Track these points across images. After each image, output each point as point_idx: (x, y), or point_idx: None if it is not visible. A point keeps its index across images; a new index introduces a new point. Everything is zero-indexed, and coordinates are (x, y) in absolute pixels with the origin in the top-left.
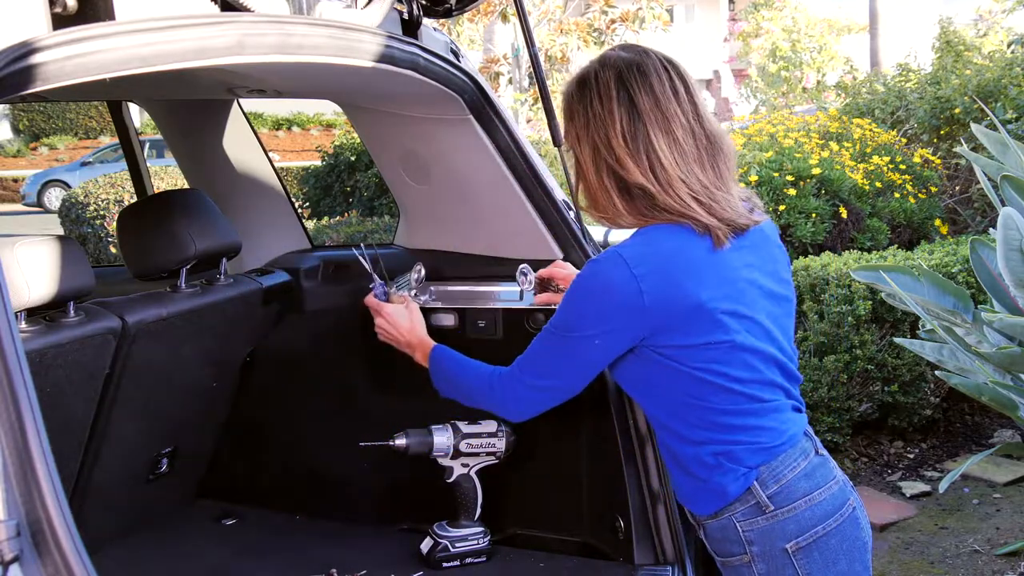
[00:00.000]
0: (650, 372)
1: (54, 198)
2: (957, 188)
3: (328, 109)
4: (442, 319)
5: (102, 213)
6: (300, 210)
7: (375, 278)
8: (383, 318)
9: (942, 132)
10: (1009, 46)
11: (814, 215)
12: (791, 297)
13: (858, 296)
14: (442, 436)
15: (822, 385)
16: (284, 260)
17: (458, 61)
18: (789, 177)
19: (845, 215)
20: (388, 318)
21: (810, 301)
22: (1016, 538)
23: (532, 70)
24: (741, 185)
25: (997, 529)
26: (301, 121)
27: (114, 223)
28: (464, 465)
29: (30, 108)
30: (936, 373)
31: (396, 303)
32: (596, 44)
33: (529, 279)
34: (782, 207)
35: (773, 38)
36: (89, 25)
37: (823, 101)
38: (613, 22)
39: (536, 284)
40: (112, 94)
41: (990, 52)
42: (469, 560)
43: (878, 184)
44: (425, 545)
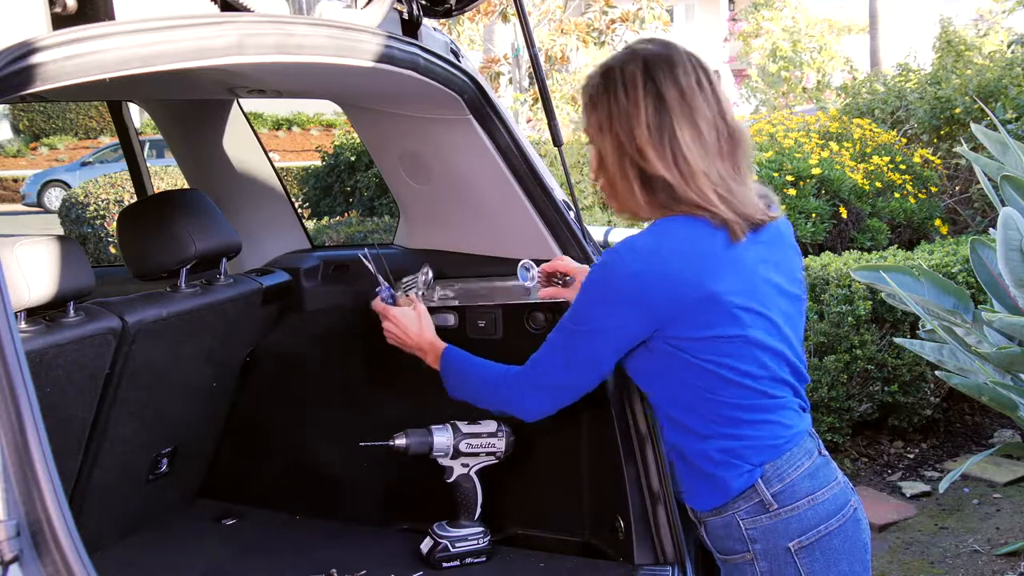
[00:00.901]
0: (662, 364)
1: (54, 198)
2: (957, 188)
3: (328, 109)
4: (442, 319)
5: (102, 213)
6: (300, 210)
7: (380, 281)
8: (391, 321)
9: (942, 132)
10: (1009, 46)
11: (814, 215)
12: (803, 297)
13: (858, 296)
14: (442, 436)
15: (822, 385)
16: (284, 260)
17: (458, 61)
18: (789, 177)
19: (845, 215)
20: (396, 321)
21: (810, 301)
22: (1016, 538)
23: (532, 70)
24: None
25: (997, 529)
26: (301, 121)
27: (114, 223)
28: (464, 465)
29: (30, 108)
30: (936, 373)
31: (403, 305)
32: (596, 44)
33: (532, 274)
34: (782, 207)
35: (773, 38)
36: (89, 25)
37: (823, 101)
38: (613, 22)
39: (541, 278)
40: (112, 94)
41: (990, 52)
42: (469, 560)
43: (878, 184)
44: (425, 545)
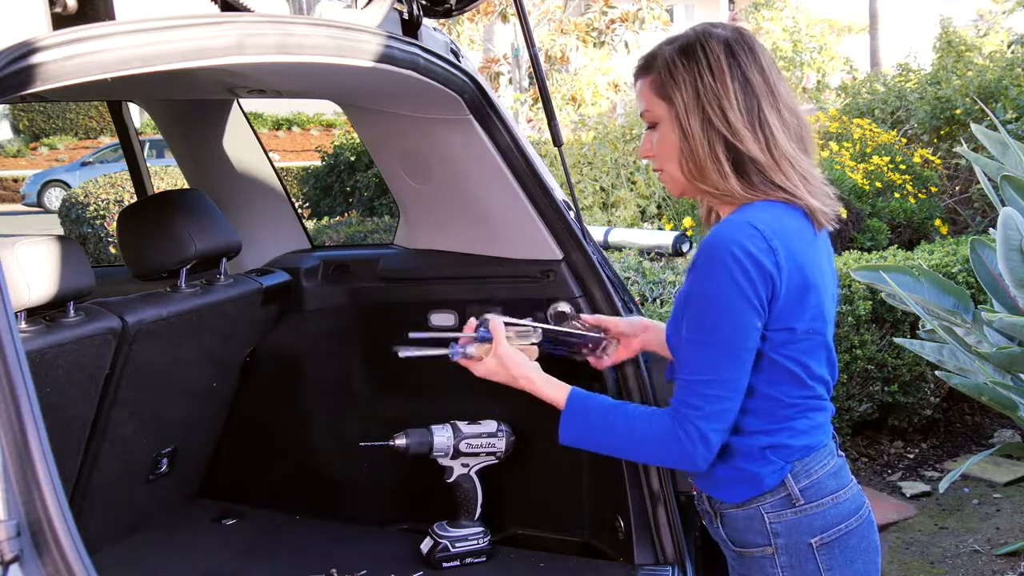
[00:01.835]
0: None
1: (54, 198)
2: (957, 188)
3: (328, 109)
4: (442, 319)
5: (102, 213)
6: (300, 210)
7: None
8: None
9: (942, 132)
10: (1009, 46)
11: None
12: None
13: (858, 296)
14: (442, 436)
15: None
16: (284, 260)
17: (458, 61)
18: None
19: (845, 215)
20: (505, 360)
21: None
22: (1016, 538)
23: (532, 70)
24: None
25: (997, 529)
26: (301, 121)
27: (114, 223)
28: (464, 465)
29: (30, 108)
30: (936, 373)
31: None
32: (596, 45)
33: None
34: None
35: (773, 38)
36: (89, 25)
37: (823, 101)
38: (613, 22)
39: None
40: (112, 94)
41: (990, 52)
42: (469, 560)
43: (878, 184)
44: (425, 545)
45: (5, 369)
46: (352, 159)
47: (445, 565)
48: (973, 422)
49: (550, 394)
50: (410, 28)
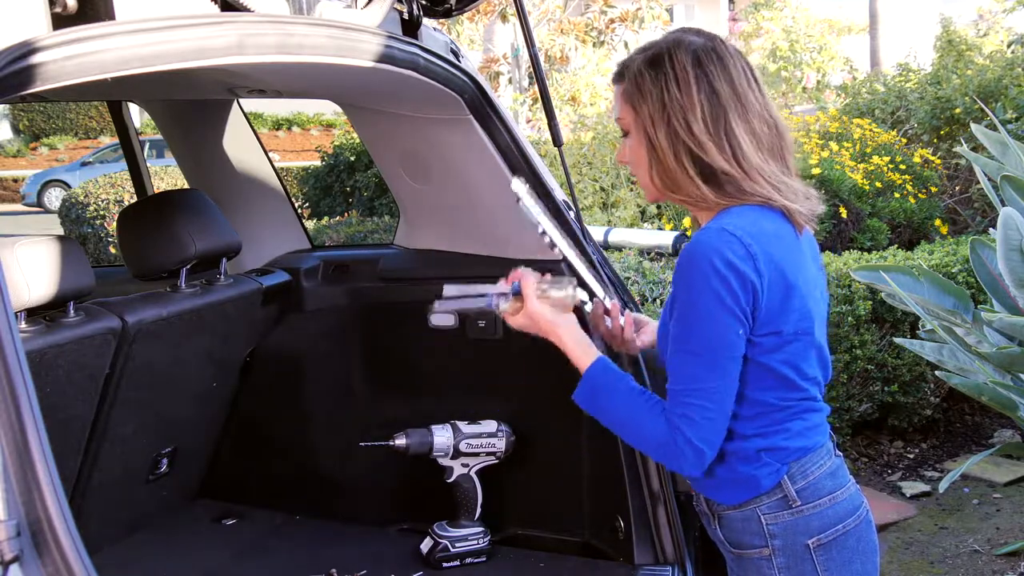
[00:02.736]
0: None
1: (54, 198)
2: (957, 188)
3: (328, 109)
4: (442, 319)
5: (102, 213)
6: (300, 210)
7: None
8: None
9: (942, 132)
10: (1009, 46)
11: None
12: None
13: (858, 296)
14: (442, 436)
15: None
16: (284, 260)
17: (458, 61)
18: None
19: (845, 215)
20: (534, 315)
21: None
22: (1016, 538)
23: (532, 70)
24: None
25: (997, 529)
26: (301, 121)
27: (114, 223)
28: (464, 465)
29: (30, 108)
30: (936, 373)
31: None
32: (595, 44)
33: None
34: None
35: (773, 38)
36: (89, 25)
37: (823, 101)
38: (612, 22)
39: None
40: (112, 94)
41: (991, 52)
42: (469, 560)
43: (878, 184)
44: (425, 545)
45: (5, 369)
46: (352, 159)
47: (445, 565)
48: (973, 422)
49: (576, 355)
50: (410, 28)
